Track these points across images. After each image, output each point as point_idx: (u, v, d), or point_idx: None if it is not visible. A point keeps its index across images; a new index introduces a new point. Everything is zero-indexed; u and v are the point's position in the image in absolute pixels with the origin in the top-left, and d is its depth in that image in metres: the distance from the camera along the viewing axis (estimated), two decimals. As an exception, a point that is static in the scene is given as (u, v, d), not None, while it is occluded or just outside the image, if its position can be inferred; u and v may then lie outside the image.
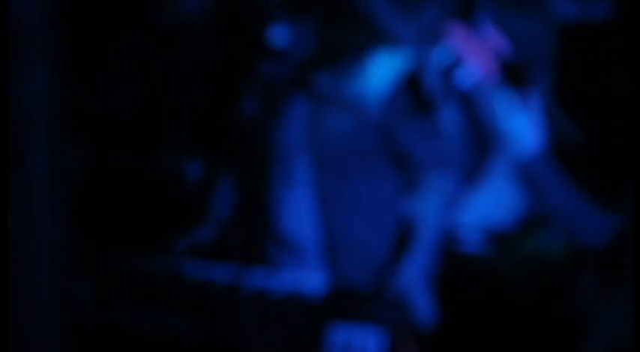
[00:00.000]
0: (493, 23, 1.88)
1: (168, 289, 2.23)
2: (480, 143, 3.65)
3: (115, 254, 2.41)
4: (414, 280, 2.15)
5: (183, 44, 3.43)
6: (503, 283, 2.59)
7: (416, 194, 2.28)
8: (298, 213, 2.33)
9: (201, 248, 2.45)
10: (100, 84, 3.24)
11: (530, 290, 2.60)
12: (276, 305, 2.14)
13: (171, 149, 3.20)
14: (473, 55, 1.85)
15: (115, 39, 3.26)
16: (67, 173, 1.45)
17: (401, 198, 2.30)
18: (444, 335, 2.12)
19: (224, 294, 2.17)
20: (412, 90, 2.25)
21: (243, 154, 2.46)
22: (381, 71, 2.24)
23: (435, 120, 2.34)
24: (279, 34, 2.17)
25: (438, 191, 2.27)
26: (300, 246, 2.35)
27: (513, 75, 1.90)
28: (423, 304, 2.09)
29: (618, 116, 2.44)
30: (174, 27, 3.44)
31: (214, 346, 2.12)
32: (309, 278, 2.31)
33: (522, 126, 1.92)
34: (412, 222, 2.26)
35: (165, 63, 3.44)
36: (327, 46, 2.27)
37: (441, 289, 2.25)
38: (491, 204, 3.55)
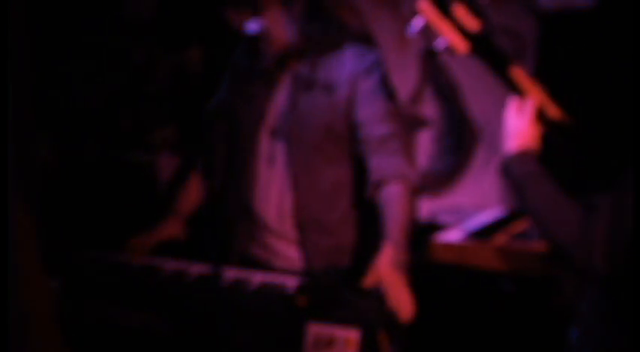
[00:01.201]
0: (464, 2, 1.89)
1: (142, 285, 2.23)
2: (462, 135, 3.71)
3: (85, 250, 2.40)
4: (391, 270, 2.14)
5: (155, 34, 3.49)
6: (483, 274, 2.60)
7: (372, 173, 2.33)
8: (275, 195, 2.41)
9: (173, 241, 2.49)
10: (70, 75, 3.24)
11: (508, 281, 2.61)
12: (252, 298, 2.14)
13: (145, 141, 3.26)
14: (445, 32, 1.87)
15: (86, 29, 3.28)
16: (34, 167, 1.43)
17: (370, 183, 2.34)
18: (422, 325, 2.12)
19: (199, 288, 2.17)
20: (377, 76, 2.35)
21: (219, 140, 2.50)
22: (352, 60, 2.36)
23: (395, 107, 2.41)
24: (254, 24, 2.22)
25: (401, 179, 2.30)
26: (277, 229, 2.43)
27: (486, 51, 1.92)
28: (400, 295, 2.07)
29: (599, 102, 2.44)
30: (146, 17, 3.52)
31: (190, 341, 2.11)
32: (286, 269, 2.37)
33: (512, 121, 1.95)
34: (383, 209, 2.29)
35: (137, 53, 3.49)
36: (306, 37, 2.37)
37: (420, 280, 2.25)
38: (471, 195, 3.59)
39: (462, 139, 3.62)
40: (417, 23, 1.90)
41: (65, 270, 2.25)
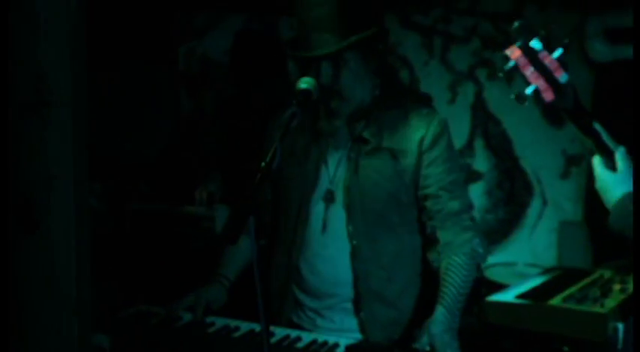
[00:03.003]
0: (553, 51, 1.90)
1: (189, 341, 2.21)
2: (514, 189, 3.68)
3: (135, 305, 2.41)
4: (442, 333, 2.11)
5: (210, 87, 3.52)
6: (537, 336, 2.56)
7: (442, 246, 2.29)
8: (330, 260, 2.33)
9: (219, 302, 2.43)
10: (120, 123, 3.27)
11: (563, 344, 2.55)
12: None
13: (197, 196, 3.19)
14: (533, 80, 1.89)
15: (143, 80, 3.33)
16: (87, 224, 1.41)
17: (428, 249, 2.33)
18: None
19: (247, 346, 2.14)
20: (445, 142, 2.32)
21: (269, 200, 2.46)
22: (418, 124, 2.30)
23: (460, 170, 2.38)
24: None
25: (462, 244, 2.28)
26: (331, 294, 2.35)
27: (569, 102, 1.93)
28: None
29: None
30: (200, 70, 3.55)
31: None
32: (339, 332, 2.32)
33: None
34: (443, 275, 2.26)
35: (192, 105, 3.52)
36: (373, 100, 2.31)
37: (472, 341, 2.27)
38: (523, 251, 3.54)
39: (513, 193, 3.62)
40: (507, 67, 1.89)
41: (114, 326, 2.25)
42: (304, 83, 2.10)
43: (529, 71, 1.88)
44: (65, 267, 1.30)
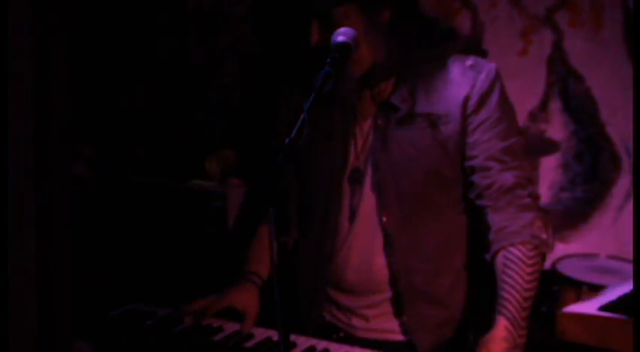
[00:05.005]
0: None
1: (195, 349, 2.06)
2: (597, 161, 3.36)
3: (126, 304, 2.24)
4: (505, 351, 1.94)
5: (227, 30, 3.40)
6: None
7: (494, 233, 2.08)
8: (364, 253, 2.18)
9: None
10: (118, 77, 3.15)
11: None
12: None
13: (207, 167, 3.10)
14: None
15: (142, 21, 3.18)
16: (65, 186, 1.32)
17: (491, 246, 2.10)
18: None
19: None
20: (496, 98, 2.12)
21: (301, 186, 2.29)
22: (461, 79, 2.11)
23: (522, 142, 2.16)
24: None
25: (521, 230, 2.04)
26: (368, 291, 2.20)
27: None
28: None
29: None
30: (214, 7, 3.39)
31: None
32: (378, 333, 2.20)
33: None
34: (501, 275, 2.04)
35: (204, 54, 3.39)
36: (398, 54, 2.10)
37: None
38: (608, 239, 3.25)
39: (596, 167, 3.34)
40: None
41: (99, 330, 2.07)
42: (342, 35, 1.89)
43: None
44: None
